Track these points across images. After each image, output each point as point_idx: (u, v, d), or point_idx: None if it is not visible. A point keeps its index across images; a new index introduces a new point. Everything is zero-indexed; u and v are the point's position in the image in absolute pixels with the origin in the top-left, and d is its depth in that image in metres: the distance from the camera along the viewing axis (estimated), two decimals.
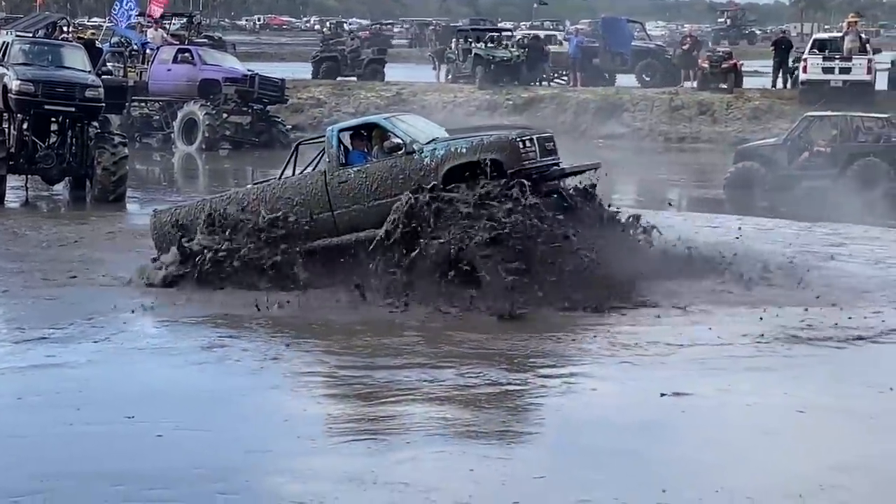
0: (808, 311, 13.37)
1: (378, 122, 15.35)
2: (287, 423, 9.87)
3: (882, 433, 9.87)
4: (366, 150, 14.90)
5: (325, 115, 38.23)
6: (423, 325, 13.10)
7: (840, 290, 14.55)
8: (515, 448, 9.39)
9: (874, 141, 24.58)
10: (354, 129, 15.35)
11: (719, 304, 13.84)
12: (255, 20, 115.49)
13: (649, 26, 52.76)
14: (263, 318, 13.38)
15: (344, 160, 14.76)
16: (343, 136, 14.99)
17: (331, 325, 13.17)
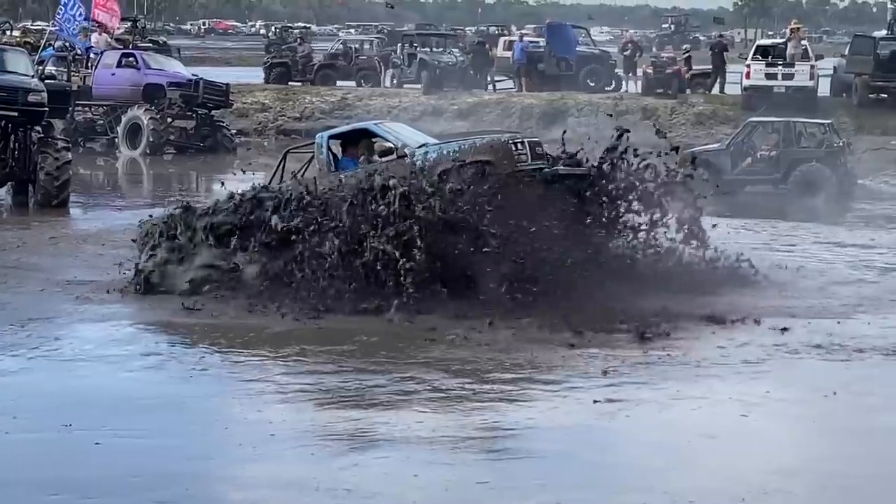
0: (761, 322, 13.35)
1: (369, 127, 15.46)
2: (228, 431, 9.79)
3: (824, 436, 9.95)
4: (355, 156, 14.87)
5: (271, 119, 38.08)
6: (365, 333, 13.00)
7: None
8: (460, 454, 9.36)
9: (816, 146, 24.83)
10: (344, 135, 15.27)
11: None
12: (201, 24, 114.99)
13: (594, 32, 53.00)
14: (205, 324, 13.26)
15: (334, 167, 14.67)
16: (332, 142, 14.94)
17: (274, 332, 13.04)
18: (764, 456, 9.31)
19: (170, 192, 26.49)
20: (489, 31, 75.01)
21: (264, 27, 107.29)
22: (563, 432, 9.81)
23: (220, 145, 32.72)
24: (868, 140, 29.18)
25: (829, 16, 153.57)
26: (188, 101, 32.13)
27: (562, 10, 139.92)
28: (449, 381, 11.25)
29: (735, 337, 12.75)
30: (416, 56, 39.95)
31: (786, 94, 33.39)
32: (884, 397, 10.95)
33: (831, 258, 17.51)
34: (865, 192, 25.14)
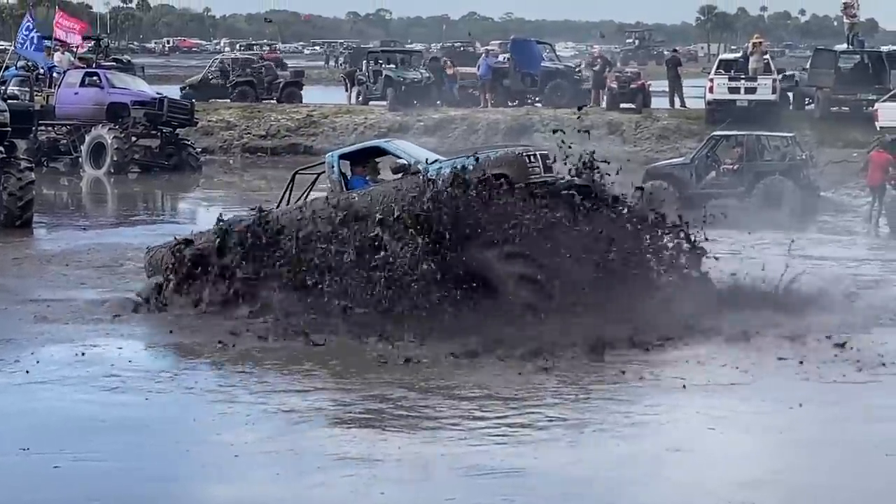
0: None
1: (380, 145, 15.50)
2: (190, 452, 9.73)
3: (790, 447, 9.99)
4: (364, 174, 14.85)
5: (236, 137, 37.99)
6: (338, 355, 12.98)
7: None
8: (426, 470, 9.35)
9: (780, 159, 24.96)
10: (354, 154, 15.25)
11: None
12: (165, 42, 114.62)
13: (559, 47, 53.12)
14: (171, 344, 13.21)
15: (344, 186, 14.62)
16: (342, 162, 14.86)
17: (242, 351, 13.01)
18: (730, 468, 9.36)
19: (135, 212, 26.40)
20: (454, 48, 75.28)
21: (228, 45, 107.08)
22: (531, 448, 9.81)
23: (185, 164, 32.60)
24: (830, 153, 29.36)
25: (791, 30, 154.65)
26: (152, 119, 32.02)
27: (527, 27, 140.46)
28: (416, 398, 11.22)
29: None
30: (381, 73, 39.97)
31: (749, 107, 33.57)
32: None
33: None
34: (828, 205, 25.29)
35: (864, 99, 32.92)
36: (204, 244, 14.83)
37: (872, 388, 11.54)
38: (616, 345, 12.85)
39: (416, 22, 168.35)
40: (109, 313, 14.58)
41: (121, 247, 20.02)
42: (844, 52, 35.76)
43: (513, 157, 14.32)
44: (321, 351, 12.92)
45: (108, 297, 15.66)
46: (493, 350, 12.69)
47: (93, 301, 15.51)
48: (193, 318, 14.25)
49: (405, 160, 14.54)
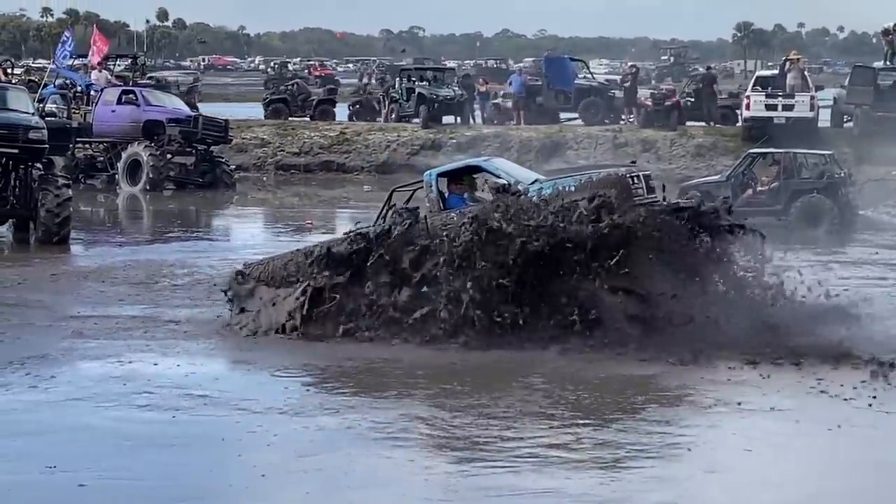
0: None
1: (479, 164, 15.34)
2: (216, 472, 9.69)
3: (827, 470, 9.89)
4: (461, 192, 14.78)
5: (270, 154, 38.12)
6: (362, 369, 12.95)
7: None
8: (456, 492, 9.30)
9: (817, 177, 24.79)
10: (453, 173, 15.16)
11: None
12: (200, 61, 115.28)
13: (592, 65, 53.11)
14: (206, 363, 13.22)
15: (442, 205, 14.61)
16: (441, 180, 14.80)
17: (270, 373, 13.01)
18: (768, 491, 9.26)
19: (170, 229, 26.52)
20: (486, 65, 75.38)
21: (263, 63, 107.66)
22: (563, 469, 9.75)
23: (219, 181, 32.77)
24: (869, 171, 29.14)
25: (829, 46, 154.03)
26: (187, 137, 32.20)
27: (561, 44, 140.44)
28: (450, 420, 11.18)
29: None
30: (414, 90, 40.03)
31: (786, 124, 33.38)
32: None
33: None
34: (867, 223, 25.09)
35: None
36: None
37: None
38: (652, 364, 12.79)
39: (449, 39, 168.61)
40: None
41: (156, 263, 20.10)
42: (883, 69, 35.54)
43: (616, 179, 14.03)
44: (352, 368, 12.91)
45: (146, 314, 15.72)
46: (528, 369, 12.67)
47: (130, 317, 15.55)
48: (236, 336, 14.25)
49: (505, 180, 14.41)
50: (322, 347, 13.78)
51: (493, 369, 12.85)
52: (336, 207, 31.87)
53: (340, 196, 34.00)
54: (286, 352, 13.78)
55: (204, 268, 19.62)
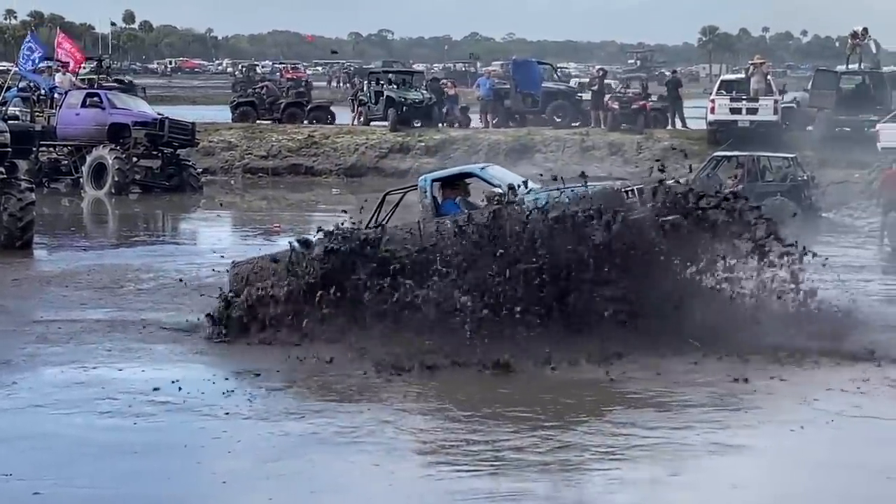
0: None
1: (474, 171, 15.25)
2: (175, 479, 9.60)
3: (792, 471, 9.94)
4: (454, 198, 14.74)
5: (238, 158, 38.01)
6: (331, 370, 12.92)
7: None
8: (421, 496, 9.30)
9: (781, 180, 24.92)
10: (447, 179, 15.11)
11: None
12: (167, 63, 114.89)
13: (567, 67, 53.21)
14: (172, 369, 13.15)
15: (436, 210, 14.57)
16: (435, 186, 14.75)
17: (239, 374, 12.96)
18: (733, 493, 9.29)
19: (136, 233, 26.38)
20: (455, 68, 75.44)
21: (231, 66, 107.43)
22: (529, 471, 9.76)
23: (186, 184, 32.62)
24: (832, 174, 29.33)
25: (793, 50, 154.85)
26: (153, 140, 32.05)
27: (529, 47, 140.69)
28: (416, 423, 11.18)
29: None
30: (382, 93, 40.00)
31: (750, 128, 33.56)
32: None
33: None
34: (830, 226, 25.25)
35: (866, 119, 32.91)
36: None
37: (874, 409, 11.45)
38: (623, 366, 12.84)
39: (418, 42, 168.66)
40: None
41: (121, 267, 19.99)
42: (846, 72, 35.78)
43: (612, 193, 14.15)
44: (317, 370, 12.89)
45: (110, 318, 15.64)
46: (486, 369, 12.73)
47: (94, 322, 15.46)
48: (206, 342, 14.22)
49: (500, 189, 14.38)
50: (289, 352, 13.72)
51: (459, 373, 12.84)
52: (304, 211, 31.78)
53: (309, 199, 33.94)
54: (253, 357, 13.72)
55: (170, 272, 19.53)
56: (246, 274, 15.02)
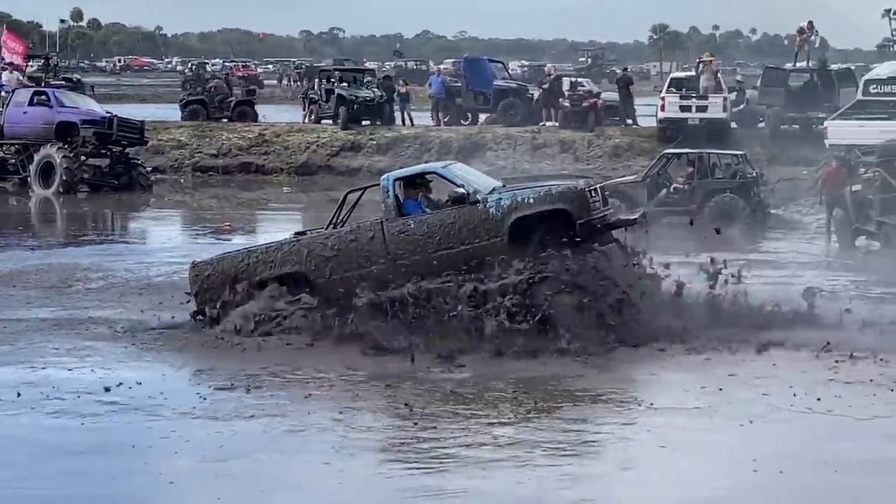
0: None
1: (437, 170, 15.17)
2: (120, 480, 9.53)
3: (740, 465, 9.98)
4: (414, 197, 14.68)
5: (187, 156, 37.78)
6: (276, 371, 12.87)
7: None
8: (373, 493, 9.26)
9: (730, 177, 25.09)
10: (410, 178, 15.03)
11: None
12: (116, 61, 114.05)
13: (511, 66, 53.29)
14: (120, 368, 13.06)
15: (398, 210, 14.52)
16: (397, 185, 14.67)
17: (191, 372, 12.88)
18: (681, 487, 9.34)
19: (84, 232, 26.18)
20: (406, 66, 75.38)
21: (181, 64, 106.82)
22: (480, 469, 9.76)
23: (135, 183, 32.41)
24: (780, 171, 29.56)
25: (743, 48, 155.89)
26: (102, 138, 31.81)
27: (481, 45, 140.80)
28: (367, 422, 11.15)
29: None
30: (333, 91, 39.89)
31: (699, 125, 33.74)
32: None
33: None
34: (779, 222, 25.46)
35: (814, 117, 33.18)
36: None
37: (822, 403, 11.53)
38: (572, 363, 12.88)
39: (370, 40, 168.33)
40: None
41: (69, 267, 19.84)
42: (794, 70, 36.05)
43: (575, 193, 14.16)
44: (269, 369, 12.84)
45: (59, 318, 15.50)
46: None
47: (42, 321, 15.33)
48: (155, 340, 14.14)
49: (464, 189, 14.34)
50: (239, 352, 13.67)
51: (410, 372, 12.84)
52: (255, 209, 31.68)
53: (259, 198, 33.82)
54: (203, 356, 13.67)
55: (119, 271, 19.42)
56: (206, 274, 14.96)
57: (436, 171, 15.22)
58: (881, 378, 12.42)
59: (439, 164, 16.06)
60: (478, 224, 14.10)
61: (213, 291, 14.79)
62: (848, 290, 18.19)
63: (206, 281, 14.88)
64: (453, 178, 14.63)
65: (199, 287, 14.93)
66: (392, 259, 14.21)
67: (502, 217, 14.07)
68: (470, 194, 14.24)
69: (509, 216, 14.05)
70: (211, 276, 14.88)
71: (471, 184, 14.54)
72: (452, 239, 14.14)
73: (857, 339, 13.71)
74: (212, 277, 14.87)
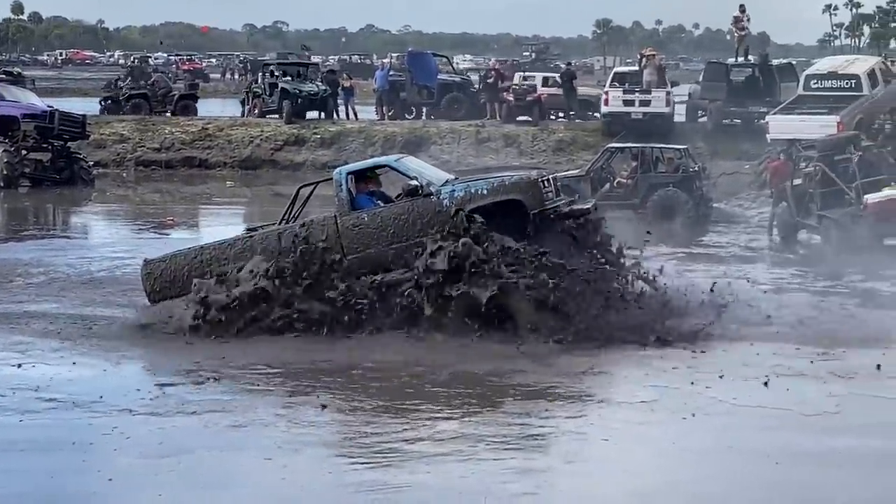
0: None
1: (390, 163, 15.13)
2: (57, 479, 9.44)
3: (682, 457, 10.06)
4: (366, 191, 14.60)
5: (130, 150, 37.47)
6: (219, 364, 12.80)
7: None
8: (314, 488, 9.23)
9: (673, 171, 25.23)
10: (362, 171, 14.95)
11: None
12: (57, 55, 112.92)
13: (456, 60, 53.27)
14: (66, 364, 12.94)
15: (351, 204, 14.42)
16: (350, 179, 14.59)
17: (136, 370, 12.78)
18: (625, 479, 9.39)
19: (25, 227, 25.90)
20: (351, 60, 75.17)
21: (123, 57, 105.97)
22: (424, 463, 9.77)
23: (77, 177, 32.09)
24: (723, 165, 29.76)
25: (685, 43, 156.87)
26: (44, 132, 31.52)
27: (425, 39, 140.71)
28: (309, 417, 11.11)
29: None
30: (277, 85, 39.71)
31: (643, 119, 33.89)
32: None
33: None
34: (721, 216, 25.64)
35: (755, 111, 33.41)
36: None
37: (764, 397, 11.63)
38: (514, 358, 12.91)
39: (314, 34, 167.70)
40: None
41: (10, 262, 19.64)
42: (735, 65, 36.28)
43: (528, 183, 14.18)
44: (211, 365, 12.79)
45: None
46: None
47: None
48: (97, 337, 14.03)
49: (418, 181, 14.31)
50: (182, 348, 13.59)
51: (353, 366, 12.83)
52: (198, 204, 31.47)
53: (203, 192, 33.60)
54: (145, 352, 13.59)
55: (61, 266, 19.24)
56: (159, 271, 14.85)
57: (389, 163, 15.21)
58: (820, 370, 12.56)
59: (392, 157, 16.07)
60: (431, 216, 14.10)
61: (165, 289, 14.70)
62: (789, 283, 18.39)
63: (159, 278, 14.79)
64: (406, 171, 14.63)
65: (151, 285, 14.83)
66: (345, 253, 14.16)
67: (456, 209, 14.08)
68: (423, 186, 14.23)
69: (463, 208, 14.05)
70: (164, 274, 14.79)
71: (424, 176, 14.54)
72: (406, 232, 14.12)
73: (796, 333, 13.86)
74: (165, 275, 14.78)
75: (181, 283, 14.57)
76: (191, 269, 14.62)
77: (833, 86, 29.96)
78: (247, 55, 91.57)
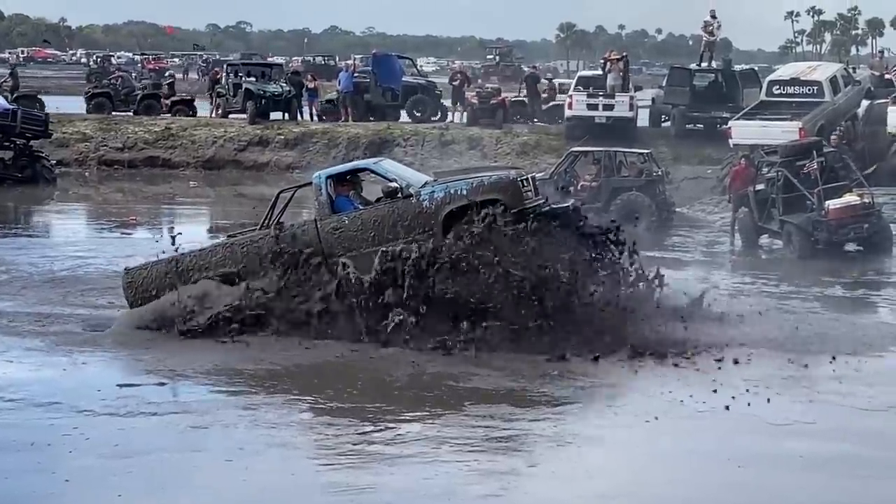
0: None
1: (369, 166, 15.07)
2: (10, 480, 9.39)
3: (646, 461, 10.10)
4: (346, 194, 14.53)
5: (92, 149, 37.24)
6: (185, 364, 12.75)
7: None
8: (277, 489, 9.20)
9: (636, 175, 25.31)
10: (341, 175, 14.88)
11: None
12: (19, 53, 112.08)
13: (420, 62, 53.27)
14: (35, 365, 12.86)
15: (331, 208, 14.36)
16: (329, 182, 14.52)
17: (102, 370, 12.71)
18: (588, 482, 9.41)
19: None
20: (315, 61, 75.03)
21: (85, 56, 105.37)
22: (386, 465, 9.75)
23: (39, 176, 31.83)
24: (685, 169, 29.90)
25: (648, 48, 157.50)
26: (5, 131, 31.26)
27: (389, 41, 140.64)
28: (271, 419, 11.09)
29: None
30: (241, 86, 39.58)
31: (606, 123, 34.00)
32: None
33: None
34: (683, 220, 25.75)
35: (718, 117, 33.59)
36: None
37: (725, 401, 11.69)
38: (475, 361, 12.92)
39: (277, 35, 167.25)
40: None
41: None
42: (699, 70, 36.45)
43: (507, 182, 14.12)
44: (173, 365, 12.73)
45: None
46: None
47: None
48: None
49: (397, 183, 14.28)
50: (145, 348, 13.52)
51: (315, 368, 12.80)
52: (161, 204, 31.32)
53: (166, 192, 33.43)
54: (106, 352, 13.50)
55: (23, 265, 19.11)
56: (140, 278, 14.77)
57: (368, 166, 15.20)
58: (787, 376, 12.63)
59: (371, 161, 16.08)
60: (412, 218, 14.08)
61: (147, 299, 14.63)
62: (750, 288, 18.49)
63: (140, 287, 14.71)
64: (385, 173, 14.61)
65: (132, 294, 14.77)
66: (326, 256, 14.14)
67: (436, 209, 14.05)
68: (403, 188, 14.23)
69: (443, 209, 14.04)
70: (145, 282, 14.72)
71: (403, 178, 14.54)
72: (387, 234, 14.08)
73: (757, 338, 13.92)
74: (146, 283, 14.70)
75: (163, 292, 14.50)
76: (172, 277, 14.55)
77: (795, 92, 30.17)
78: (210, 55, 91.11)
